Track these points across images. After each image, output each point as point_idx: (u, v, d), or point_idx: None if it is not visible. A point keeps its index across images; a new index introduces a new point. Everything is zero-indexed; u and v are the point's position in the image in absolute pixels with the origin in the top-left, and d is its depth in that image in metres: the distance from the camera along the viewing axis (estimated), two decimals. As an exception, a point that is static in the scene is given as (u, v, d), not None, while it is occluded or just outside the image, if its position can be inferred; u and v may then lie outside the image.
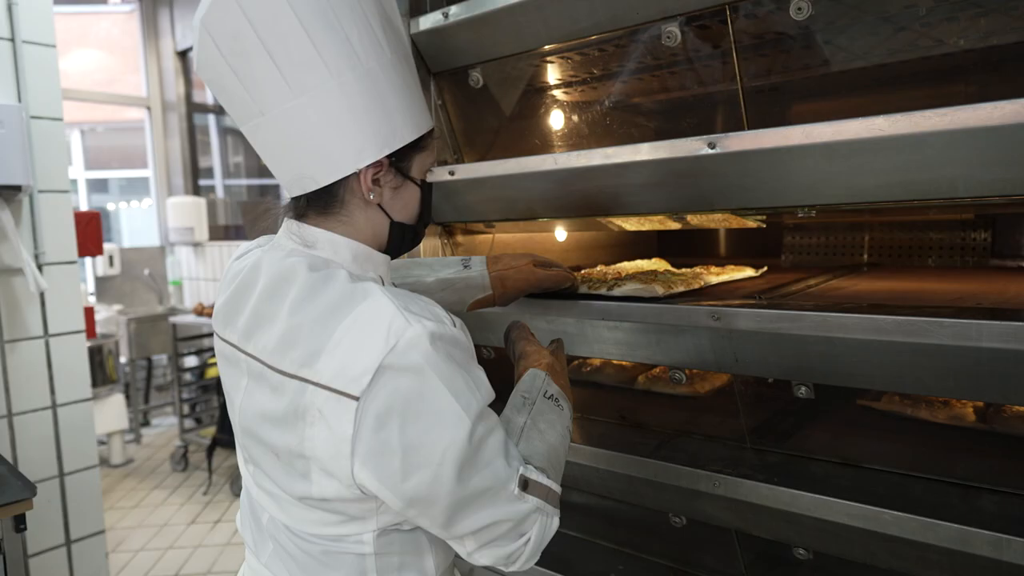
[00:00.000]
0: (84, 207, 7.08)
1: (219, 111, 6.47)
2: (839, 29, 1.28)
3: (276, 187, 6.03)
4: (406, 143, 0.94)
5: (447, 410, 0.83)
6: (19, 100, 2.78)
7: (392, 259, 1.04)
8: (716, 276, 1.59)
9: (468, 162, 1.76)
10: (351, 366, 0.82)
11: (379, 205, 0.97)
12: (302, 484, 0.90)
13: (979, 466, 1.22)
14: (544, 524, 0.94)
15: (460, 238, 1.81)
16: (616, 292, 1.33)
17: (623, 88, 1.55)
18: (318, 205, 0.96)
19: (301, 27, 0.85)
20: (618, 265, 1.86)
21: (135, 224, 7.65)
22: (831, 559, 1.27)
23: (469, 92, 1.70)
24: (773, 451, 1.36)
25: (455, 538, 0.91)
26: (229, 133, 6.59)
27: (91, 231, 3.13)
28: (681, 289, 1.39)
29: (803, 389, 1.23)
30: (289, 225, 1.00)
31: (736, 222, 1.51)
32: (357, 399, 0.82)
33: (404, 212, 1.00)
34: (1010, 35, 1.16)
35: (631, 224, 1.77)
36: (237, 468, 4.52)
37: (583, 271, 1.67)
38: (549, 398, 1.04)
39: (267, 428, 0.92)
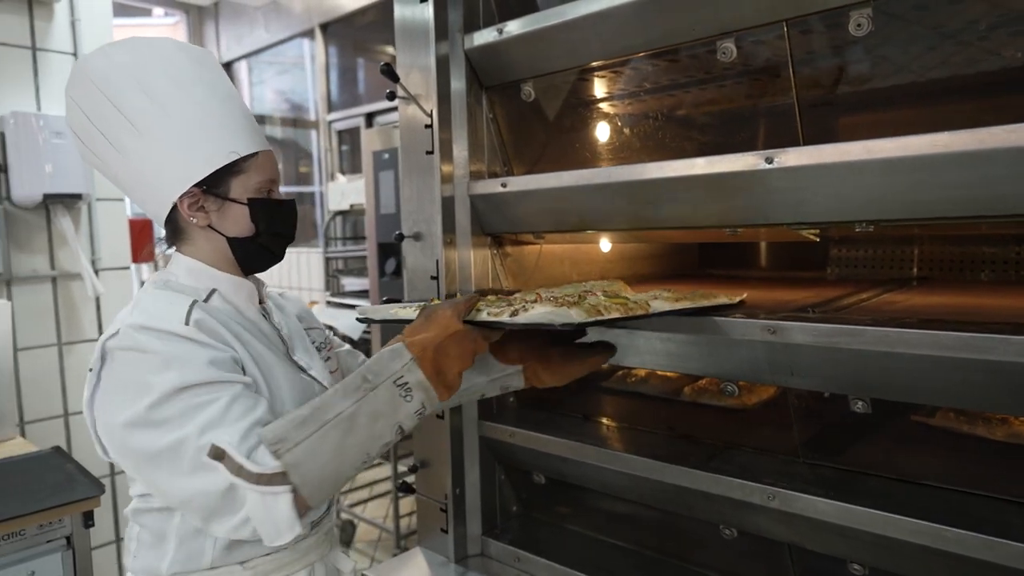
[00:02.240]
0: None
1: (260, 122, 6.61)
2: (897, 44, 1.28)
3: (311, 194, 6.14)
4: (207, 174, 1.12)
5: (131, 384, 1.02)
6: (80, 112, 2.89)
7: (254, 272, 1.23)
8: (673, 303, 1.22)
9: (517, 174, 1.79)
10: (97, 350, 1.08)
11: (210, 226, 1.16)
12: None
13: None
14: (262, 503, 0.96)
15: (509, 249, 1.84)
16: (519, 319, 1.03)
17: (675, 102, 1.57)
18: (171, 234, 1.21)
19: (112, 105, 1.11)
20: (562, 288, 1.50)
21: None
22: (886, 575, 1.26)
23: (520, 105, 1.73)
24: (826, 465, 1.36)
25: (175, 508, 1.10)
26: (270, 143, 6.73)
27: (144, 238, 3.24)
28: (614, 315, 1.09)
29: (860, 404, 1.23)
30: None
31: (788, 235, 1.52)
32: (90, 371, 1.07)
33: (236, 228, 1.16)
34: (1075, 50, 1.16)
35: (676, 236, 1.78)
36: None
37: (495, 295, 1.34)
38: (399, 385, 1.00)
39: None
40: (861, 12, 1.20)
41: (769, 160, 1.20)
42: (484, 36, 1.63)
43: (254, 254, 1.19)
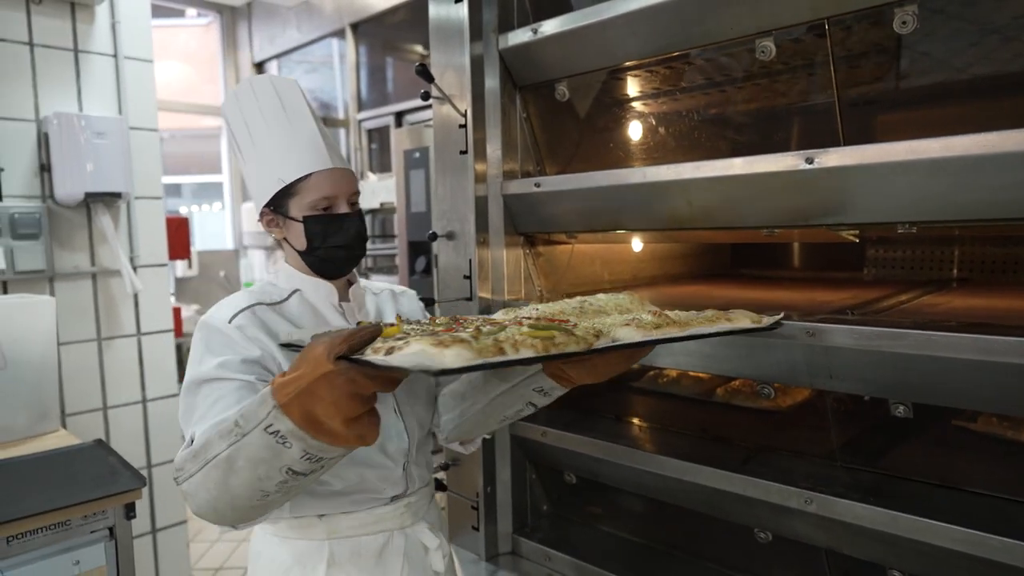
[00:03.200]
0: (163, 211, 7.42)
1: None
2: (942, 41, 1.25)
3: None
4: (270, 196, 1.26)
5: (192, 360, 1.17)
6: (120, 112, 2.96)
7: (328, 278, 1.30)
8: (651, 330, 1.02)
9: (550, 173, 1.79)
10: None
11: (285, 239, 1.30)
12: None
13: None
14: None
15: (541, 248, 1.84)
16: (391, 360, 0.83)
17: (712, 101, 1.56)
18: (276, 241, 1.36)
19: (233, 133, 1.32)
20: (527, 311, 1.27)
21: (208, 228, 8.00)
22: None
23: (554, 105, 1.73)
24: (865, 470, 1.34)
25: None
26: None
27: (180, 236, 3.29)
28: (511, 356, 0.86)
29: (901, 408, 1.21)
30: None
31: (826, 236, 1.50)
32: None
33: (298, 242, 1.27)
34: None
35: (710, 236, 1.76)
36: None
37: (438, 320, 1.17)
38: (271, 433, 0.90)
39: None
40: (906, 9, 1.17)
41: (809, 160, 1.18)
42: (518, 36, 1.63)
43: (318, 265, 1.29)
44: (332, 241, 1.26)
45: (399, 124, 4.83)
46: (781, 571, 1.47)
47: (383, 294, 1.45)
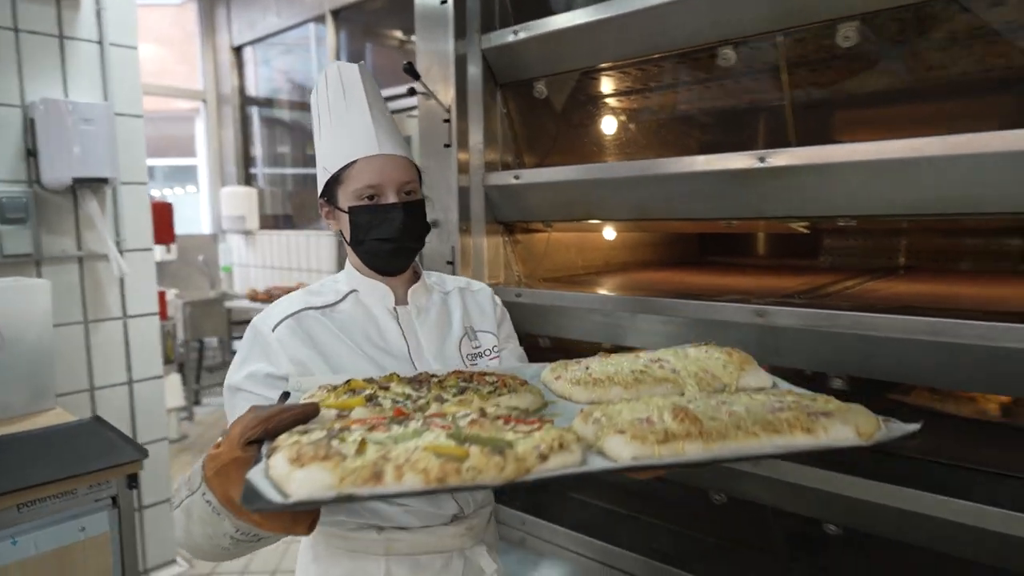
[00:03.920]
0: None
1: (266, 104, 6.71)
2: (882, 53, 1.39)
3: (313, 176, 6.26)
4: (324, 183, 1.23)
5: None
6: (105, 98, 3.01)
7: (384, 274, 1.24)
8: (707, 441, 0.77)
9: (528, 166, 1.91)
10: None
11: (340, 232, 1.25)
12: None
13: (1002, 456, 1.33)
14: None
15: (520, 236, 1.96)
16: (252, 472, 0.72)
17: (678, 102, 1.69)
18: None
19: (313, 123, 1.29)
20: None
21: (183, 212, 7.98)
22: (860, 535, 1.40)
23: (533, 102, 1.85)
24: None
25: None
26: (276, 124, 6.82)
27: (164, 220, 3.35)
28: (391, 488, 0.68)
29: (838, 381, 1.36)
30: None
31: (780, 227, 1.64)
32: None
33: (347, 234, 1.23)
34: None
35: (677, 226, 1.89)
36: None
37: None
38: (208, 502, 0.87)
39: None
40: (849, 25, 1.31)
41: (762, 159, 1.32)
42: (501, 37, 1.74)
43: (367, 258, 1.23)
44: (376, 234, 1.19)
45: (379, 111, 4.90)
46: (735, 529, 1.63)
47: (453, 293, 1.36)
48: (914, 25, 1.37)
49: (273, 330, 1.16)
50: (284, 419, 0.82)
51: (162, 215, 3.34)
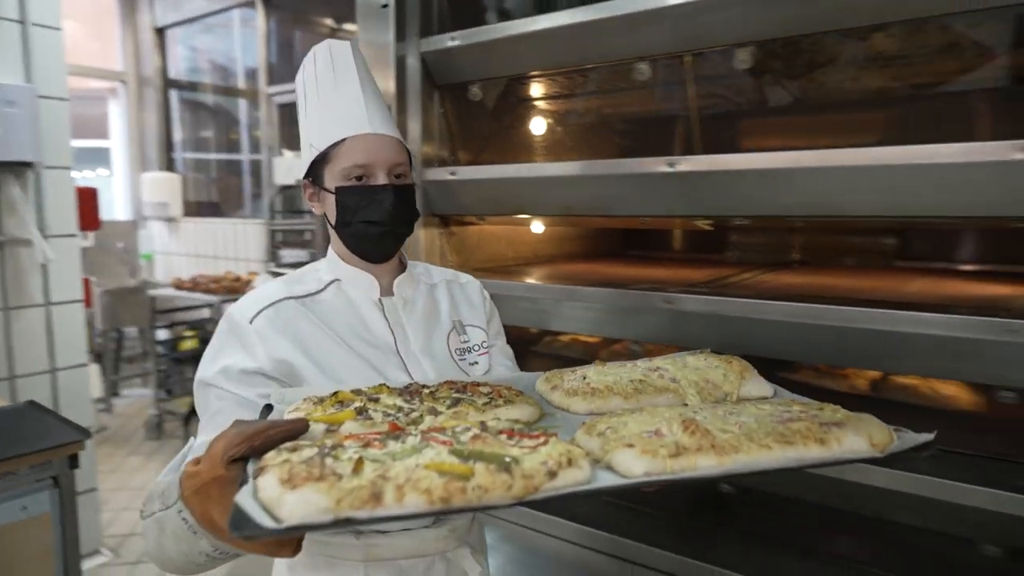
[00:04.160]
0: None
1: (190, 88, 6.55)
2: (774, 75, 1.61)
3: (238, 163, 6.17)
4: (307, 166, 1.18)
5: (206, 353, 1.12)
6: (28, 80, 2.93)
7: (369, 260, 1.18)
8: (720, 455, 0.76)
9: (463, 163, 2.04)
10: None
11: (325, 216, 1.19)
12: None
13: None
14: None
15: (454, 228, 2.09)
16: (240, 494, 0.68)
17: (600, 109, 1.86)
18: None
19: (297, 104, 1.23)
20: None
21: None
22: (753, 493, 1.61)
23: (468, 103, 1.98)
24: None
25: None
26: (200, 109, 6.66)
27: (89, 206, 3.29)
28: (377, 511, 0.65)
29: (734, 359, 1.57)
30: None
31: (688, 224, 1.84)
32: None
33: (332, 216, 1.16)
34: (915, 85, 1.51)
35: (599, 222, 2.07)
36: (213, 437, 4.74)
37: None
38: (184, 519, 0.85)
39: None
40: (746, 49, 1.51)
41: (671, 164, 1.50)
42: (438, 42, 1.86)
43: (353, 243, 1.16)
44: (364, 216, 1.12)
45: (311, 100, 4.89)
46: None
47: (440, 285, 1.31)
48: (801, 52, 1.59)
49: (251, 321, 1.09)
50: (271, 436, 0.77)
51: (87, 200, 3.28)
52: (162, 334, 5.85)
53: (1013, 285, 1.74)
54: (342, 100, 1.16)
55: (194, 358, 5.02)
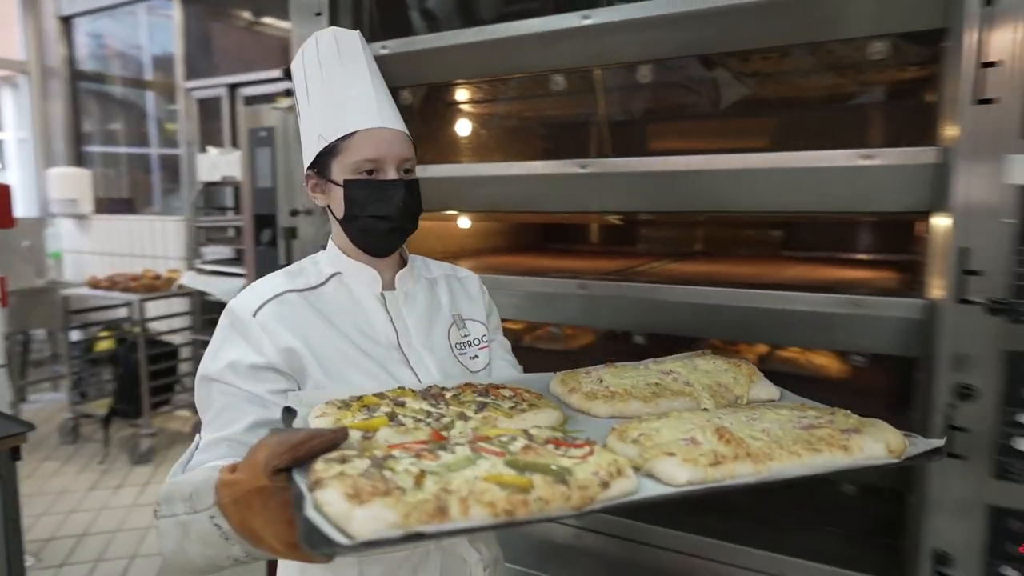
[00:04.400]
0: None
1: (98, 79, 6.31)
2: (672, 87, 1.83)
3: (146, 157, 6.02)
4: (313, 156, 1.15)
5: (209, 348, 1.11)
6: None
7: (372, 254, 1.17)
8: (756, 463, 0.80)
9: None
10: None
11: (329, 208, 1.18)
12: None
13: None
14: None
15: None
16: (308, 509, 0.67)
17: (522, 114, 2.04)
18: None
19: (294, 91, 1.22)
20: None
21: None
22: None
23: (399, 107, 2.12)
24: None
25: None
26: (108, 101, 6.42)
27: (4, 203, 3.21)
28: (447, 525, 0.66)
29: (639, 338, 1.78)
30: None
31: (600, 219, 2.05)
32: None
33: (339, 210, 1.14)
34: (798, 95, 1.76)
35: (520, 218, 2.26)
36: (134, 438, 4.66)
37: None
38: (216, 525, 0.84)
39: None
40: (647, 65, 1.72)
41: (583, 166, 1.69)
42: (372, 49, 1.99)
43: (358, 237, 1.16)
44: (373, 210, 1.11)
45: (232, 96, 4.85)
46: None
47: (440, 279, 1.32)
48: (695, 68, 1.82)
49: (254, 314, 1.08)
50: (315, 446, 0.76)
51: (2, 198, 3.20)
52: (75, 335, 5.65)
53: (870, 269, 2.04)
54: (352, 91, 1.15)
55: (111, 359, 4.90)
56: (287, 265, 1.80)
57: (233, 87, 4.82)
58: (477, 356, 1.27)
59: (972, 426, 1.26)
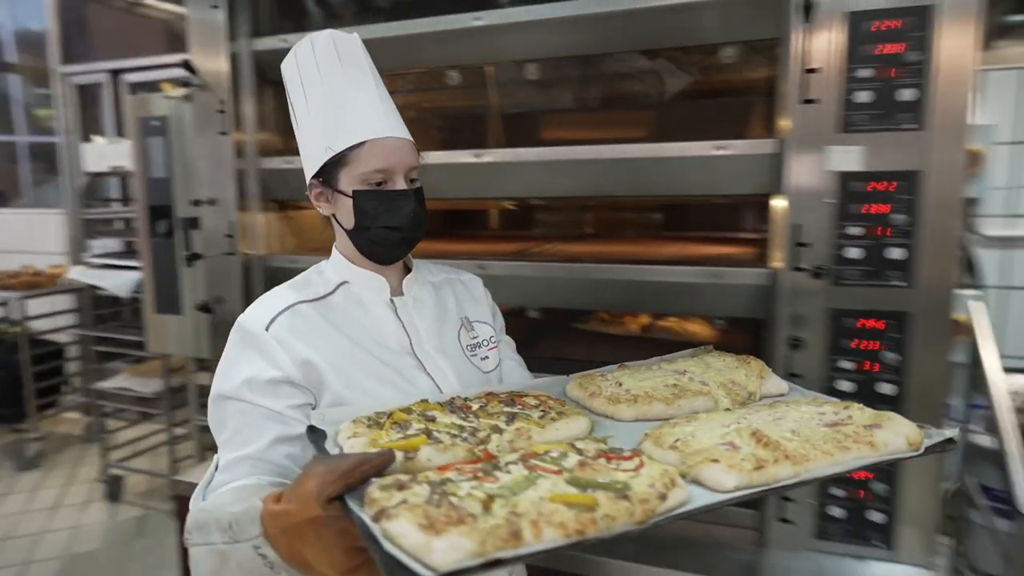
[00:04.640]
0: None
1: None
2: (560, 82, 2.01)
3: (10, 145, 5.65)
4: (320, 164, 1.12)
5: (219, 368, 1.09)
6: None
7: (379, 262, 1.17)
8: (795, 464, 0.82)
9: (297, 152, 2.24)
10: None
11: (334, 217, 1.16)
12: None
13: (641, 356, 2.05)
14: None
15: (291, 212, 2.29)
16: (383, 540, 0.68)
17: (420, 105, 2.16)
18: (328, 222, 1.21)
19: (288, 93, 1.20)
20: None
21: None
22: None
23: (299, 98, 2.18)
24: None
25: None
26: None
27: None
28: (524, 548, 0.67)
29: (533, 312, 1.96)
30: None
31: (497, 205, 2.21)
32: None
33: (347, 220, 1.13)
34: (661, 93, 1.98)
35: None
36: (14, 444, 4.40)
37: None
38: (260, 555, 0.83)
39: None
40: (533, 64, 1.89)
41: (477, 156, 1.84)
42: (269, 43, 2.04)
43: (367, 247, 1.15)
44: (384, 221, 1.11)
45: (115, 81, 4.63)
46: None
47: (444, 283, 1.32)
48: (581, 66, 2.01)
49: (267, 328, 1.07)
50: (366, 471, 0.76)
51: None
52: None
53: (735, 245, 2.32)
54: (358, 99, 1.13)
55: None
56: (188, 256, 1.82)
57: (116, 72, 4.59)
58: (487, 357, 1.28)
59: (805, 373, 1.52)
